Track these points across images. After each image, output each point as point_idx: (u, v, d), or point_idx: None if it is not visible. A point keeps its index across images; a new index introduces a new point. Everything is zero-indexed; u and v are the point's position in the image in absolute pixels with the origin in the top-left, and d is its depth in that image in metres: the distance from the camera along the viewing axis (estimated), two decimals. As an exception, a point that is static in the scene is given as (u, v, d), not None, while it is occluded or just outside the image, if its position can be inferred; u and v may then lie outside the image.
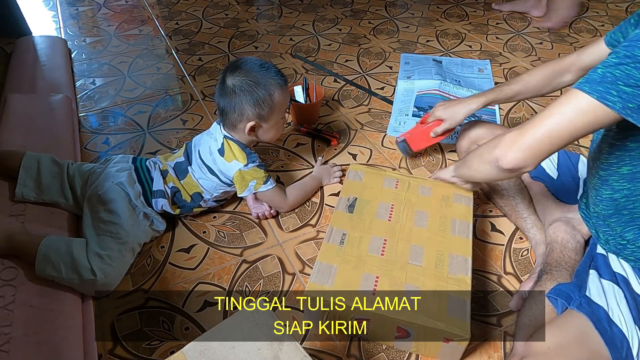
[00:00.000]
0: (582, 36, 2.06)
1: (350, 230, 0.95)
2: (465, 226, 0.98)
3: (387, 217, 0.99)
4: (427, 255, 0.91)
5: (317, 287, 0.84)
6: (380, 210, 1.00)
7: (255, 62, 1.05)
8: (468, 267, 0.89)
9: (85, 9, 2.27)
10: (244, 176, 1.07)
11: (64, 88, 1.55)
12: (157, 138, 1.42)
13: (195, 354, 0.60)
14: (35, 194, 1.04)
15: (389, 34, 2.07)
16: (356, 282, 0.85)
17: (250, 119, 1.04)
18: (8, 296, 0.84)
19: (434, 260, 0.90)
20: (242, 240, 1.11)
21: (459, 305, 0.82)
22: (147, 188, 1.07)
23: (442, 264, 0.89)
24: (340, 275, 0.86)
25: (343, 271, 0.87)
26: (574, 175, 1.05)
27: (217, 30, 2.07)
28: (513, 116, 1.55)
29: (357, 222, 0.97)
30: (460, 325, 0.79)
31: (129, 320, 0.93)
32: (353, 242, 0.93)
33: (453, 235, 0.95)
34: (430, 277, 0.87)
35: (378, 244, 0.92)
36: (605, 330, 0.73)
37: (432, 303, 0.82)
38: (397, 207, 1.01)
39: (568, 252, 0.93)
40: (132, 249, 1.01)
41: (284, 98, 1.07)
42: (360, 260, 0.89)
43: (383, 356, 0.88)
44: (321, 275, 0.86)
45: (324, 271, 0.86)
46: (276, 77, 1.04)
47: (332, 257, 0.89)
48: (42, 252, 0.89)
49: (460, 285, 0.85)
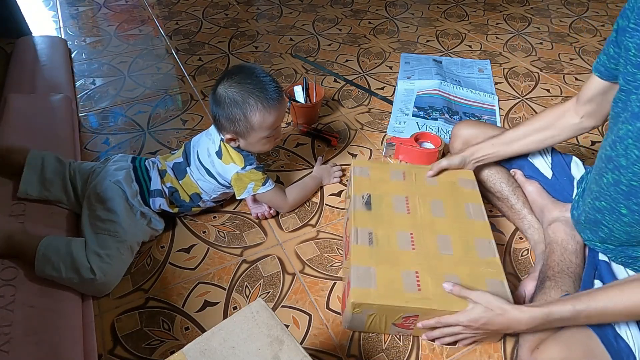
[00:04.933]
0: (582, 36, 2.06)
1: (375, 229, 0.94)
2: (478, 209, 1.00)
3: (406, 210, 0.99)
4: (455, 243, 0.92)
5: (363, 292, 0.82)
6: (396, 204, 1.00)
7: (249, 74, 0.99)
8: (493, 248, 0.92)
9: (85, 9, 2.27)
10: (242, 178, 1.07)
11: (64, 88, 1.55)
12: (157, 138, 1.42)
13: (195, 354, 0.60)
14: (38, 190, 1.04)
15: (389, 34, 2.07)
16: (398, 281, 0.84)
17: (227, 132, 1.03)
18: (8, 296, 0.84)
19: (462, 247, 0.91)
20: (242, 240, 1.11)
21: (498, 287, 0.84)
22: (144, 187, 1.07)
23: (470, 249, 0.91)
24: (381, 276, 0.85)
25: (382, 272, 0.86)
26: (568, 175, 1.04)
27: (217, 30, 2.07)
28: (513, 116, 1.55)
29: (378, 218, 0.96)
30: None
31: (129, 320, 0.93)
32: (382, 240, 0.92)
33: (471, 220, 0.97)
34: (464, 264, 0.88)
35: (406, 239, 0.92)
36: (611, 345, 0.73)
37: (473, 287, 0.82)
38: (412, 199, 1.01)
39: (569, 255, 0.92)
40: (130, 247, 1.01)
41: (265, 120, 0.99)
42: (395, 258, 0.89)
43: (383, 356, 0.88)
44: (362, 280, 0.84)
45: (363, 275, 0.85)
46: (260, 96, 0.97)
47: (366, 259, 0.88)
48: (41, 252, 0.89)
49: (492, 268, 0.88)
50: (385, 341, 0.91)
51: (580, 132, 0.98)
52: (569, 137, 1.00)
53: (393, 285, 0.84)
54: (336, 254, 1.08)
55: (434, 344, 0.90)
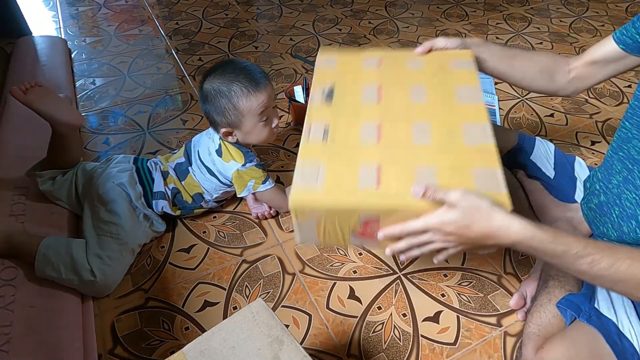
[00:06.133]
0: (582, 36, 2.06)
1: (334, 122, 0.75)
2: (473, 91, 0.79)
3: (376, 100, 0.79)
4: (434, 131, 0.72)
5: (305, 192, 0.66)
6: (365, 94, 0.80)
7: (229, 65, 1.02)
8: (488, 133, 0.72)
9: (85, 9, 2.27)
10: (242, 176, 1.07)
11: (64, 88, 1.55)
12: (157, 138, 1.42)
13: (195, 354, 0.60)
14: (49, 184, 1.06)
15: (389, 34, 2.07)
16: (354, 177, 0.67)
17: (221, 126, 1.04)
18: (8, 296, 0.84)
19: (444, 134, 0.72)
20: (242, 240, 1.11)
21: (488, 178, 0.65)
22: (148, 189, 1.07)
23: (455, 136, 0.72)
24: (331, 173, 0.67)
25: (333, 168, 0.68)
26: (570, 175, 1.04)
27: (217, 30, 2.07)
28: (513, 116, 1.55)
29: (339, 111, 0.77)
30: (497, 200, 0.62)
31: (129, 320, 0.93)
32: (339, 134, 0.73)
33: (461, 103, 0.77)
34: (444, 153, 0.69)
35: (371, 131, 0.73)
36: (615, 344, 0.72)
37: (455, 182, 0.65)
38: (386, 87, 0.81)
39: None
40: (132, 249, 1.01)
41: (252, 103, 1.00)
42: (352, 152, 0.70)
43: (383, 356, 0.88)
44: (307, 178, 0.67)
45: (309, 173, 0.67)
46: (244, 81, 0.99)
47: (316, 156, 0.70)
48: (41, 253, 0.89)
49: (483, 155, 0.68)
50: (385, 341, 0.91)
51: (559, 94, 0.97)
52: (551, 93, 0.98)
53: (345, 182, 0.66)
54: (336, 253, 1.08)
55: (434, 344, 0.90)
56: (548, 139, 1.41)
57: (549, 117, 1.54)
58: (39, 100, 0.97)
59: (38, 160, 1.06)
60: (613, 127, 1.48)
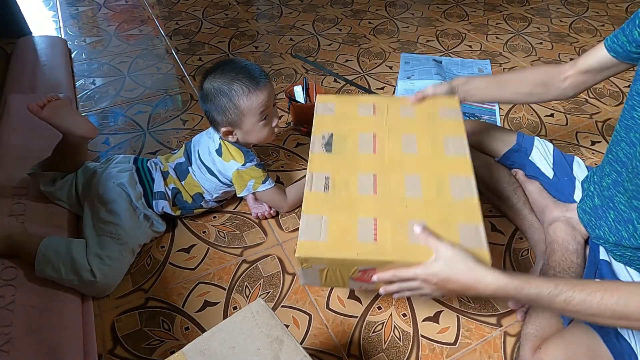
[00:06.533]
0: (582, 36, 2.06)
1: (333, 172, 0.81)
2: (459, 143, 0.86)
3: (372, 149, 0.85)
4: (425, 184, 0.79)
5: (310, 245, 0.71)
6: (362, 143, 0.86)
7: (229, 64, 1.03)
8: (472, 187, 0.78)
9: (85, 9, 2.27)
10: (242, 175, 1.07)
11: (64, 88, 1.55)
12: (157, 138, 1.42)
13: (195, 354, 0.60)
14: (49, 184, 1.06)
15: (389, 34, 2.07)
16: (353, 230, 0.73)
17: (222, 125, 1.04)
18: (8, 296, 0.84)
19: (433, 187, 0.78)
20: (242, 240, 1.11)
21: (471, 233, 0.72)
22: (148, 189, 1.07)
23: (443, 189, 0.78)
24: (334, 226, 0.73)
25: (335, 221, 0.74)
26: (569, 175, 1.04)
27: (217, 30, 2.07)
28: (513, 116, 1.55)
29: (338, 161, 0.83)
30: (479, 255, 0.69)
31: (129, 320, 0.93)
32: (339, 185, 0.79)
33: (448, 155, 0.83)
34: (433, 207, 0.76)
35: (368, 182, 0.80)
36: (613, 344, 0.73)
37: (442, 236, 0.71)
38: (380, 135, 0.87)
39: (570, 255, 0.92)
40: (132, 250, 1.01)
41: (253, 102, 1.00)
42: (351, 205, 0.76)
43: (383, 356, 0.88)
44: (311, 230, 0.73)
45: (312, 225, 0.73)
46: (244, 80, 0.99)
47: (319, 207, 0.76)
48: (41, 253, 0.89)
49: (468, 210, 0.75)
50: (385, 341, 0.91)
51: (559, 99, 1.00)
52: (551, 100, 1.02)
53: (346, 235, 0.72)
54: (336, 254, 1.08)
55: (434, 344, 0.90)
56: (548, 139, 1.41)
57: (549, 117, 1.54)
58: (57, 115, 0.98)
59: (38, 160, 1.06)
60: (613, 127, 1.48)
